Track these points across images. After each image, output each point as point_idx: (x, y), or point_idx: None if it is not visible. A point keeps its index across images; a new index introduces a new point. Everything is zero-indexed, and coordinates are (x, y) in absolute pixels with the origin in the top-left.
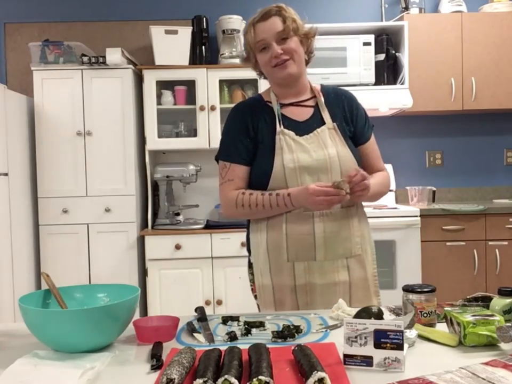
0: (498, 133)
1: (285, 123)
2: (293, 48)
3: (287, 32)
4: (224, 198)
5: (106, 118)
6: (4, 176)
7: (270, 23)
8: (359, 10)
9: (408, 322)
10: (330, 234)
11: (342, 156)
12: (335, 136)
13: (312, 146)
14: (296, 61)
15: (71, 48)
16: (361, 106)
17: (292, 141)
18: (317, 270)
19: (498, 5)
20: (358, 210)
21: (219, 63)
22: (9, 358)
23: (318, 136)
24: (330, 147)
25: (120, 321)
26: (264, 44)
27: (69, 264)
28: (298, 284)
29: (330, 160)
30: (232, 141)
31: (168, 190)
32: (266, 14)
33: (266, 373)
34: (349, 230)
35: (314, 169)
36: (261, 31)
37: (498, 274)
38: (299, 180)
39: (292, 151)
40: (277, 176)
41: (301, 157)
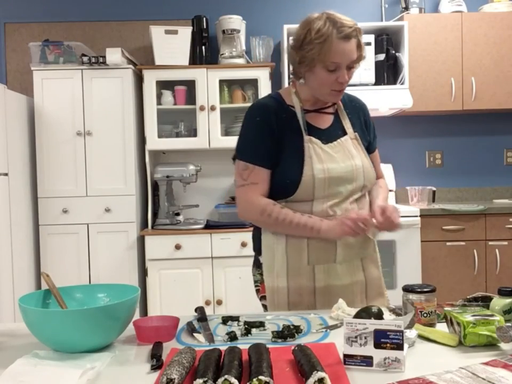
0: (498, 133)
1: (310, 130)
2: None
3: (356, 62)
4: (246, 202)
5: (106, 118)
6: (4, 176)
7: (349, 47)
8: (359, 10)
9: (408, 322)
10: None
11: (365, 166)
12: (358, 146)
13: (339, 155)
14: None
15: (71, 48)
16: (371, 119)
17: (320, 149)
18: (336, 272)
19: (498, 5)
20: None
21: (219, 63)
22: (9, 358)
23: (343, 145)
24: (356, 157)
25: (120, 321)
26: (336, 66)
27: (69, 264)
28: (318, 286)
29: (356, 171)
30: (255, 142)
31: (168, 190)
32: (348, 35)
33: (266, 373)
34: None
35: (342, 180)
36: (340, 52)
37: (498, 274)
38: (327, 190)
39: (322, 160)
40: (305, 185)
41: (331, 167)
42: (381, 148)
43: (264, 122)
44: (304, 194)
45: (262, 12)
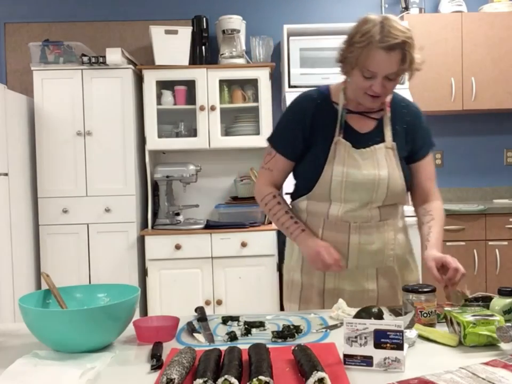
0: (498, 133)
1: (346, 132)
2: (391, 89)
3: (397, 74)
4: (257, 185)
5: (106, 118)
6: (4, 176)
7: (389, 60)
8: (359, 10)
9: (408, 322)
10: (364, 246)
11: (392, 178)
12: (391, 156)
13: (365, 162)
14: (385, 97)
15: (71, 48)
16: (425, 125)
17: (347, 153)
18: (347, 276)
19: (498, 5)
20: (395, 225)
21: (219, 63)
22: (9, 358)
23: (374, 153)
24: (383, 168)
25: (120, 321)
26: (372, 75)
27: (69, 264)
28: (327, 288)
29: (379, 181)
30: (285, 131)
31: (168, 190)
32: (391, 46)
33: (266, 373)
34: (383, 243)
35: (360, 187)
36: (377, 62)
37: (498, 274)
38: (343, 194)
39: (343, 164)
40: (322, 185)
41: (351, 172)
42: None
43: (299, 115)
44: (321, 194)
45: (262, 12)
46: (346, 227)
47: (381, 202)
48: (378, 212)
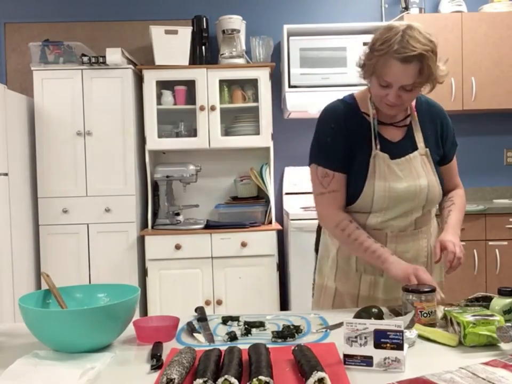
0: (498, 133)
1: (380, 143)
2: (410, 98)
3: (415, 86)
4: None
5: (106, 118)
6: (4, 176)
7: (405, 71)
8: (359, 10)
9: (408, 322)
10: (400, 255)
11: (431, 185)
12: (427, 163)
13: (404, 173)
14: (406, 106)
15: (71, 48)
16: (451, 126)
17: (386, 166)
18: (382, 285)
19: (498, 5)
20: (428, 232)
21: (219, 63)
22: (9, 358)
23: (410, 163)
24: (422, 177)
25: (120, 321)
26: (387, 84)
27: (69, 264)
28: (362, 295)
29: (420, 191)
30: (333, 148)
31: (168, 190)
32: (408, 59)
33: (266, 373)
34: (417, 251)
35: (402, 199)
36: (392, 72)
37: (498, 274)
38: (385, 206)
39: (385, 178)
40: (364, 199)
41: (393, 186)
42: None
43: (339, 128)
44: (362, 206)
45: (262, 12)
46: (383, 236)
47: (420, 211)
48: (414, 221)
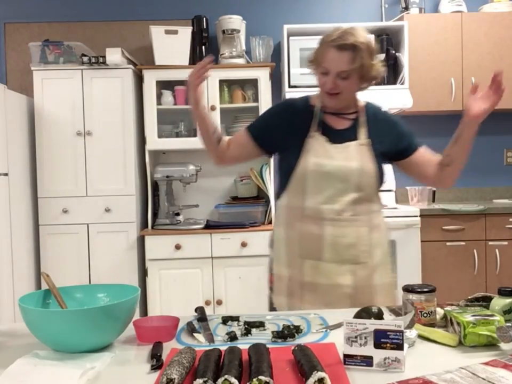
0: (498, 133)
1: (322, 129)
2: (347, 88)
3: (349, 74)
4: None
5: (106, 118)
6: (4, 176)
7: (340, 58)
8: (359, 10)
9: (408, 322)
10: (338, 239)
11: (364, 170)
12: (364, 152)
13: (338, 155)
14: (345, 97)
15: (71, 48)
16: (399, 126)
17: (321, 146)
18: (324, 270)
19: (498, 5)
20: (370, 221)
21: (219, 63)
22: (9, 358)
23: (348, 149)
24: (355, 160)
25: (120, 321)
26: (325, 70)
27: (69, 264)
28: (306, 281)
29: (350, 171)
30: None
31: (168, 190)
32: (341, 46)
33: (266, 373)
34: (356, 237)
35: (333, 176)
36: (329, 58)
37: (498, 274)
38: (317, 183)
39: (318, 155)
40: (298, 176)
41: (323, 163)
42: None
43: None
44: (298, 186)
45: (262, 12)
46: (320, 220)
47: (354, 193)
48: (352, 207)
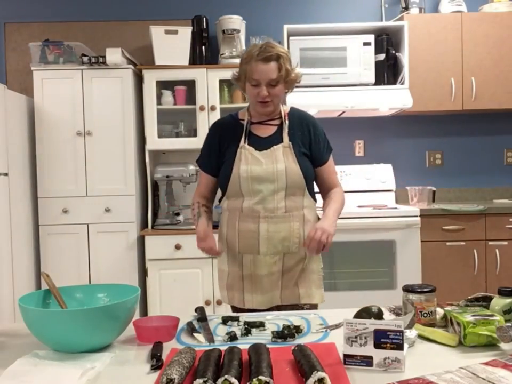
0: (498, 133)
1: (250, 139)
2: (277, 94)
3: (278, 81)
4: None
5: (106, 118)
6: (4, 176)
7: (267, 68)
8: (359, 10)
9: (408, 322)
10: (272, 234)
11: (289, 170)
12: (288, 153)
13: (266, 160)
14: (275, 103)
15: (71, 48)
16: (320, 133)
17: (250, 155)
18: (261, 263)
19: (498, 5)
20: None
21: (219, 63)
22: (9, 358)
23: (273, 152)
24: (280, 162)
25: (120, 321)
26: (257, 82)
27: (69, 264)
28: (245, 273)
29: (277, 173)
30: (204, 152)
31: (168, 190)
32: (267, 58)
33: (266, 373)
34: (289, 231)
35: (263, 179)
36: (258, 71)
37: (498, 274)
38: (250, 187)
39: (248, 163)
40: (233, 182)
41: (253, 168)
42: (381, 148)
43: (211, 136)
44: (234, 191)
45: (262, 12)
46: (256, 217)
47: (284, 191)
48: (284, 204)
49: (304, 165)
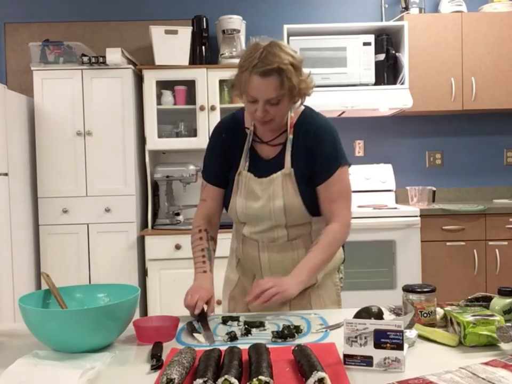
0: (498, 133)
1: (252, 159)
2: (279, 112)
3: (279, 99)
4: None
5: (106, 118)
6: (4, 176)
7: (266, 85)
8: (359, 10)
9: (408, 322)
10: (274, 263)
11: (288, 206)
12: (289, 183)
13: (263, 193)
14: (278, 120)
15: (71, 48)
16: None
17: (247, 185)
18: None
19: (498, 5)
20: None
21: (219, 63)
22: (9, 358)
23: (273, 182)
24: (278, 198)
25: (120, 321)
26: (253, 99)
27: (69, 264)
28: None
29: (274, 211)
30: (208, 161)
31: (168, 190)
32: (266, 72)
33: (266, 373)
34: (293, 260)
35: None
36: (255, 87)
37: (498, 274)
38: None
39: (245, 196)
40: (232, 212)
41: (249, 205)
42: (381, 148)
43: (216, 143)
44: (234, 218)
45: (262, 12)
46: (256, 245)
47: (284, 226)
48: (286, 233)
49: (307, 196)
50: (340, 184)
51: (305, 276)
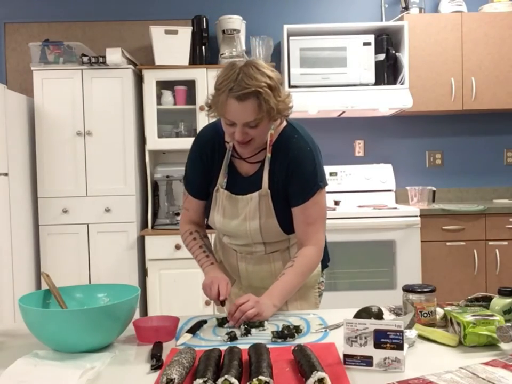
0: (498, 133)
1: (230, 175)
2: (258, 133)
3: (257, 122)
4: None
5: (106, 118)
6: (4, 176)
7: (243, 109)
8: (359, 10)
9: (408, 322)
10: (252, 273)
11: (264, 227)
12: (265, 204)
13: (240, 211)
14: (258, 141)
15: (71, 48)
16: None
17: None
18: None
19: (498, 5)
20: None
21: (219, 63)
22: (9, 358)
23: (250, 202)
24: (254, 220)
25: (120, 321)
26: (231, 122)
27: (69, 264)
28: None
29: (251, 232)
30: (189, 172)
31: (168, 190)
32: (243, 96)
33: (266, 373)
34: (270, 272)
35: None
36: (231, 111)
37: (498, 274)
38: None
39: (222, 213)
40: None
41: (225, 223)
42: (381, 148)
43: (198, 155)
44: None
45: (262, 12)
46: (234, 255)
47: (260, 245)
48: (263, 248)
49: (284, 216)
50: (316, 207)
51: (278, 301)
